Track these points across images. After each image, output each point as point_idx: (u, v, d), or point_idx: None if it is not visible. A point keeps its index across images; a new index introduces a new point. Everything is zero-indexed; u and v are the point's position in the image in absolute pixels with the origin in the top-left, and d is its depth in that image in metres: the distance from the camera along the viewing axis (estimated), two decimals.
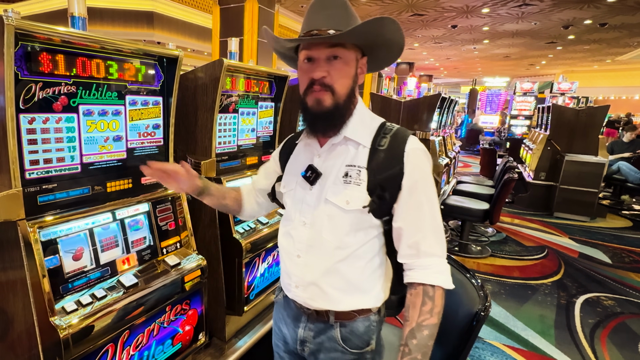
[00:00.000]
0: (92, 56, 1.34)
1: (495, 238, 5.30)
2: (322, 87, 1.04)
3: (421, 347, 0.98)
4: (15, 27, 1.10)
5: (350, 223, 1.07)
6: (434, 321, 1.01)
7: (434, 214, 1.05)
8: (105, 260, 1.43)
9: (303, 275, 1.15)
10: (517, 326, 3.21)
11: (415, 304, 1.02)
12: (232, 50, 2.12)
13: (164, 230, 1.66)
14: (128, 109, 1.51)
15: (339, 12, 1.03)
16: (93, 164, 1.42)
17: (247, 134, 2.16)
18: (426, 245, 1.04)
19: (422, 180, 1.05)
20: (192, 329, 1.71)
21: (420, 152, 1.06)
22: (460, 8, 9.02)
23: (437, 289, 1.02)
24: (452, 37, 12.36)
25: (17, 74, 1.16)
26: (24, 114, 1.19)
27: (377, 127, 1.11)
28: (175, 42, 1.63)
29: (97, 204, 1.44)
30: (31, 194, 1.24)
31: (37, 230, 1.23)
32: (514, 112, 13.42)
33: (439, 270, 1.04)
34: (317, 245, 1.12)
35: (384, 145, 1.06)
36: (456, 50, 14.88)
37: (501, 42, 13.25)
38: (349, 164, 1.08)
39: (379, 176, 1.04)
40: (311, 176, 1.12)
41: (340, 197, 1.07)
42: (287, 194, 1.23)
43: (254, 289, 2.10)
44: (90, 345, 1.28)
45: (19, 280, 1.22)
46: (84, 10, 1.41)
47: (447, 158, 5.56)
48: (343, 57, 1.04)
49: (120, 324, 1.37)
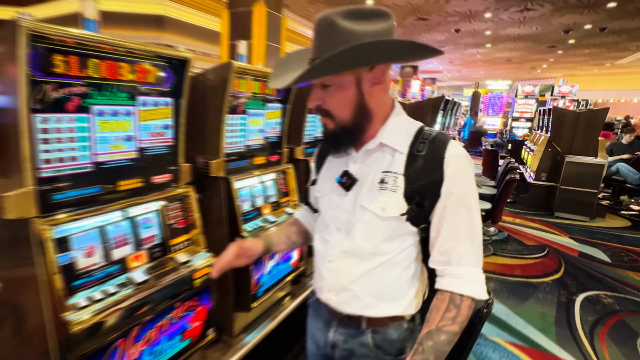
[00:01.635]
0: (104, 58, 1.32)
1: (498, 237, 5.26)
2: (320, 113, 1.02)
3: (436, 351, 0.94)
4: (28, 29, 1.08)
5: (386, 230, 1.02)
6: (455, 329, 0.96)
7: (473, 222, 0.99)
8: (116, 257, 1.41)
9: (337, 281, 1.11)
10: (518, 323, 3.19)
11: (440, 308, 0.98)
12: (240, 53, 2.10)
13: (174, 228, 1.64)
14: (139, 110, 1.49)
15: (326, 40, 0.93)
16: (105, 163, 1.40)
17: (255, 135, 2.14)
18: (459, 253, 0.98)
19: (463, 186, 0.98)
20: (201, 324, 1.68)
21: (461, 157, 0.99)
22: (463, 12, 8.95)
23: (465, 298, 0.97)
24: (455, 40, 12.29)
25: (31, 75, 1.14)
26: (37, 114, 1.17)
27: (415, 132, 1.04)
28: (184, 45, 1.61)
29: (109, 203, 1.42)
30: (44, 192, 1.22)
31: (50, 228, 1.21)
32: (516, 115, 13.32)
33: (471, 280, 0.98)
34: (351, 252, 1.07)
35: (423, 150, 1.00)
36: (459, 53, 14.80)
37: (503, 46, 13.16)
38: (385, 170, 1.03)
39: (417, 183, 0.98)
40: (347, 182, 1.08)
41: (376, 204, 1.01)
42: (322, 198, 1.19)
43: (262, 286, 2.08)
44: (102, 341, 1.27)
45: (32, 277, 1.20)
46: (97, 13, 1.39)
47: None
48: (335, 83, 0.98)
49: (130, 320, 1.35)
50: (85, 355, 1.22)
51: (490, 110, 15.60)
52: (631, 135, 7.42)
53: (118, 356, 1.34)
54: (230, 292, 1.93)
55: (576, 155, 6.27)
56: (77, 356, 1.20)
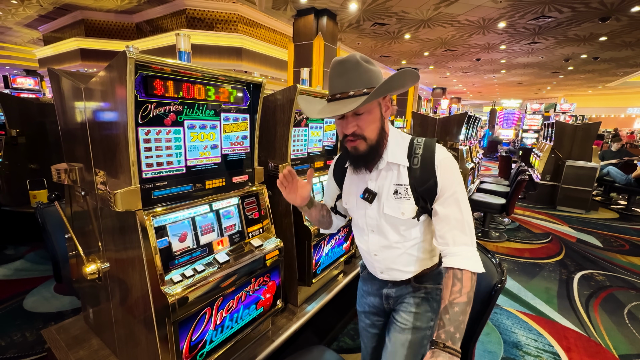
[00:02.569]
0: (194, 82, 1.20)
1: (511, 226, 4.77)
2: (354, 137, 0.95)
3: (453, 321, 0.85)
4: (135, 60, 0.97)
5: (405, 225, 1.01)
6: (464, 299, 0.88)
7: (462, 209, 0.93)
8: (204, 242, 1.30)
9: (386, 265, 1.10)
10: (527, 296, 2.90)
11: (447, 285, 0.91)
12: (303, 78, 1.92)
13: (250, 218, 1.49)
14: (222, 124, 1.36)
15: (354, 76, 0.89)
16: (195, 166, 1.28)
17: (315, 144, 1.95)
18: (454, 236, 0.93)
19: (451, 182, 0.94)
20: (272, 296, 1.53)
21: (447, 160, 0.95)
22: (483, 45, 8.25)
23: (464, 272, 0.90)
24: (477, 67, 11.44)
25: (136, 96, 1.03)
26: (142, 127, 1.07)
27: (408, 145, 0.99)
28: (258, 71, 1.47)
29: (198, 198, 1.30)
30: (147, 190, 1.12)
31: (151, 218, 1.10)
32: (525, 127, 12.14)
33: (466, 256, 0.92)
34: (388, 245, 1.06)
35: (417, 163, 0.96)
36: (479, 78, 13.83)
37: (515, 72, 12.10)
38: (396, 183, 0.99)
39: (419, 189, 0.96)
40: (369, 197, 1.03)
41: (396, 210, 0.99)
42: (352, 210, 1.14)
43: (320, 265, 1.89)
44: (192, 309, 1.15)
45: (137, 257, 1.11)
46: (189, 46, 1.27)
47: (472, 163, 5.06)
48: (366, 110, 0.93)
49: (215, 292, 1.22)
50: (179, 320, 1.11)
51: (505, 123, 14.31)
52: (619, 144, 6.92)
53: (205, 321, 1.21)
54: (296, 270, 1.76)
55: (574, 160, 5.82)
56: (173, 321, 1.08)
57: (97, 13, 9.18)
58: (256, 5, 6.01)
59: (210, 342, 1.24)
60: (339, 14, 6.30)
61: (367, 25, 7.12)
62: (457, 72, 12.52)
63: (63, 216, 1.37)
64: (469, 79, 14.28)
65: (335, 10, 6.08)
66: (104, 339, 1.53)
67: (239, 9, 8.17)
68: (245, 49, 8.11)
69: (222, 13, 8.22)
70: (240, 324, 1.38)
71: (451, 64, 11.06)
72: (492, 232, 4.35)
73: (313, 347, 1.26)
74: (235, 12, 8.23)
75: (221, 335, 1.29)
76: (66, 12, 9.24)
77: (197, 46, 7.82)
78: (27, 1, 8.05)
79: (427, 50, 9.16)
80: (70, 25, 9.78)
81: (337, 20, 6.49)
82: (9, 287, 2.68)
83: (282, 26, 9.04)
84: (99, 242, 1.30)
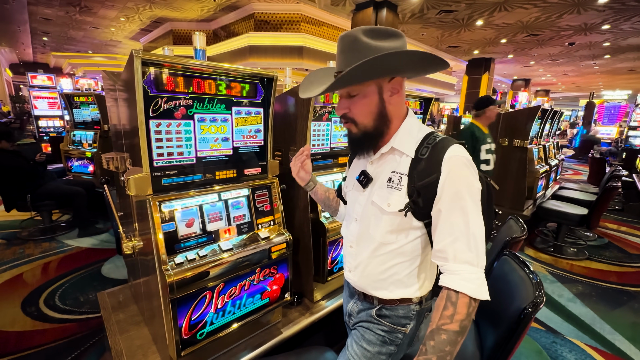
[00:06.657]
0: (205, 77, 1.29)
1: (596, 243, 3.97)
2: (346, 120, 0.91)
3: (437, 351, 0.75)
4: (142, 58, 1.09)
5: (391, 223, 0.89)
6: (454, 328, 0.75)
7: (469, 221, 0.78)
8: (210, 229, 1.38)
9: (354, 262, 1.01)
10: (604, 329, 2.37)
11: (439, 306, 0.79)
12: None
13: (260, 210, 1.54)
14: (234, 117, 1.42)
15: (350, 54, 0.81)
16: (205, 157, 1.37)
17: (339, 139, 1.92)
18: (456, 250, 0.79)
19: (458, 186, 0.80)
20: (279, 289, 1.56)
21: (459, 159, 0.81)
22: (577, 26, 7.04)
23: (461, 295, 0.77)
24: (570, 53, 9.81)
25: (147, 91, 1.15)
26: (153, 120, 1.19)
27: (423, 138, 0.89)
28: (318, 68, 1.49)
29: (207, 187, 1.39)
30: (157, 177, 1.24)
31: (157, 202, 1.22)
32: (634, 123, 10.05)
33: (467, 277, 0.78)
34: (364, 239, 0.97)
35: (425, 154, 0.85)
36: (574, 66, 11.83)
37: (624, 56, 10.06)
38: (393, 171, 0.90)
39: (418, 182, 0.84)
40: (363, 180, 0.97)
41: (383, 200, 0.90)
42: (348, 193, 1.09)
43: (338, 264, 1.85)
44: (190, 290, 1.24)
45: (148, 238, 1.23)
46: (204, 44, 1.37)
47: (547, 165, 4.34)
48: (360, 92, 0.86)
49: (214, 277, 1.29)
50: (178, 298, 1.20)
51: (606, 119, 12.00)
52: None
53: (205, 303, 1.30)
54: (312, 265, 1.76)
55: None
56: (171, 299, 1.19)
57: (182, 23, 10.38)
58: (316, 3, 6.13)
59: (210, 323, 1.32)
60: (400, 5, 6.04)
61: (432, 14, 6.68)
62: (544, 59, 10.88)
63: (109, 198, 1.60)
64: (560, 67, 12.30)
65: (396, 1, 5.86)
66: (139, 307, 1.75)
67: (301, 8, 8.43)
68: (307, 47, 8.32)
69: (286, 14, 8.58)
70: (244, 311, 1.44)
71: (536, 51, 9.67)
72: (568, 247, 3.71)
73: (312, 348, 1.26)
74: (298, 12, 8.51)
75: (222, 319, 1.36)
76: (159, 25, 10.66)
77: (262, 47, 8.29)
78: (132, 17, 9.54)
79: (504, 37, 8.19)
80: (162, 36, 11.24)
81: (399, 11, 6.24)
82: (94, 254, 3.29)
83: (343, 22, 9.03)
84: (135, 223, 1.48)
